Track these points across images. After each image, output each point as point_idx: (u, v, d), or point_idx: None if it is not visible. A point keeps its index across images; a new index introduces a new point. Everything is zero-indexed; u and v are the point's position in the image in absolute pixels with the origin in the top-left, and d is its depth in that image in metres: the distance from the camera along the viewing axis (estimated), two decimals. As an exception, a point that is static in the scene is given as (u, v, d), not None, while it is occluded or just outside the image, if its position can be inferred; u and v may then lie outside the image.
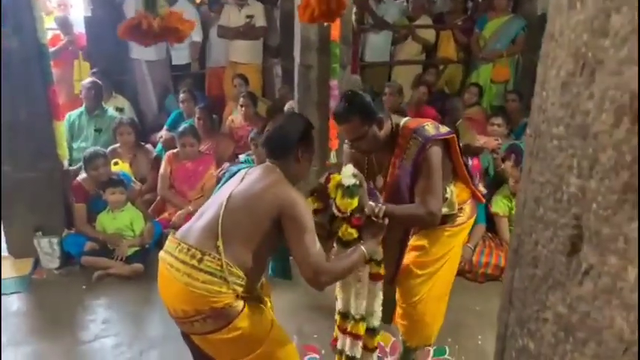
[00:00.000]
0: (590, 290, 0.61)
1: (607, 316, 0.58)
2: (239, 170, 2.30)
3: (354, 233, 2.13)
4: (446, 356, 3.02)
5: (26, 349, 3.03)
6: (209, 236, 1.96)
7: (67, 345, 3.08)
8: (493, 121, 4.80)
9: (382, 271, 2.30)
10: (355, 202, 2.10)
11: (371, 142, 2.24)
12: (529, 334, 0.74)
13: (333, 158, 4.35)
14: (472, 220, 2.65)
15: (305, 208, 1.99)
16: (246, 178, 2.12)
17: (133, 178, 4.51)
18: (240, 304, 1.95)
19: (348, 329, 2.31)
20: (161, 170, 4.42)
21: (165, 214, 4.37)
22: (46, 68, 3.83)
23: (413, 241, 2.57)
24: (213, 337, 1.96)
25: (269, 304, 2.24)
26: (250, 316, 1.97)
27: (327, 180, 2.21)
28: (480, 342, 3.14)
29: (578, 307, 0.63)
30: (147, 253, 4.01)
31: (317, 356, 2.99)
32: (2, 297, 3.54)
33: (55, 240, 3.94)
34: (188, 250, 1.95)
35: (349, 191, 2.08)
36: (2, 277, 3.72)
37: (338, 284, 2.33)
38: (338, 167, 2.67)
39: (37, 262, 3.96)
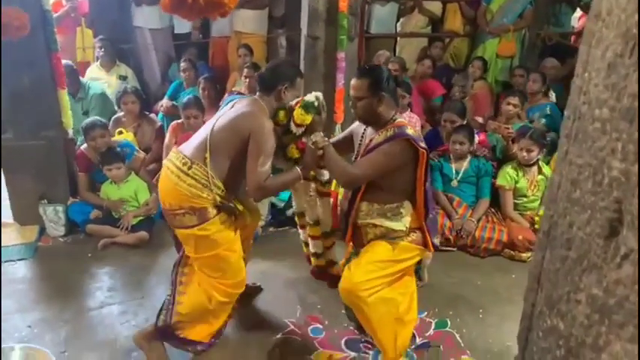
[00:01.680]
0: (629, 274, 0.60)
1: (648, 300, 0.58)
2: (233, 100, 2.78)
3: (297, 154, 2.61)
4: (447, 329, 3.06)
5: (33, 315, 3.06)
6: (200, 149, 2.47)
7: (73, 312, 3.12)
8: (510, 101, 4.60)
9: (328, 190, 2.76)
10: (308, 118, 2.54)
11: (364, 109, 2.50)
12: (559, 315, 0.74)
13: (338, 131, 4.32)
14: (415, 257, 2.59)
15: (270, 136, 2.45)
16: (235, 105, 2.61)
17: (137, 148, 4.48)
18: (214, 211, 2.47)
19: (307, 232, 2.84)
20: (166, 141, 4.40)
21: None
22: (51, 35, 3.76)
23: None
24: (188, 231, 2.48)
25: (248, 219, 2.80)
26: (219, 223, 2.49)
27: (297, 102, 2.61)
28: (480, 315, 3.18)
29: (615, 291, 0.63)
30: (152, 222, 4.02)
31: (320, 326, 3.03)
32: (9, 264, 3.56)
33: (60, 208, 3.95)
34: (183, 158, 2.46)
35: (305, 106, 2.54)
36: (9, 243, 3.74)
37: (293, 195, 2.88)
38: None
39: (42, 230, 3.98)
